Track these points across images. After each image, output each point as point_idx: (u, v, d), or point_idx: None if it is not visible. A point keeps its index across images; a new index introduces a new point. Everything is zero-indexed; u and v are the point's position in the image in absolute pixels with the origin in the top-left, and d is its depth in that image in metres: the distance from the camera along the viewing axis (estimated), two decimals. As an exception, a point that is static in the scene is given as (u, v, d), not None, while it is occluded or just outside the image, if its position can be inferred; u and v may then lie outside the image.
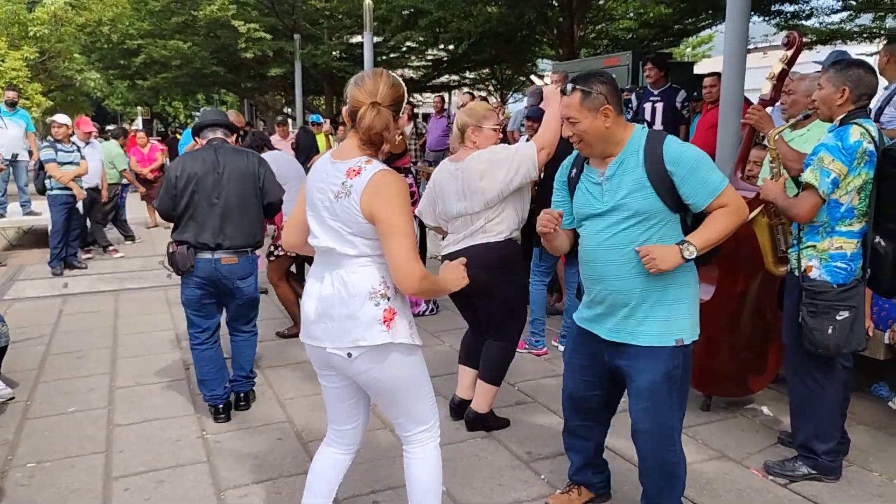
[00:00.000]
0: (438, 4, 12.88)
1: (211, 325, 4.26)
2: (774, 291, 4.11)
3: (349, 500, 3.32)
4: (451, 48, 17.84)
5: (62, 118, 8.85)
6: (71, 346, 5.73)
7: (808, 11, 12.92)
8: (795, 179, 3.46)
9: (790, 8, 12.74)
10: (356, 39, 18.69)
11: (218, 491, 3.42)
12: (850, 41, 12.83)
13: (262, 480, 3.50)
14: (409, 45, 18.16)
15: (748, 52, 5.20)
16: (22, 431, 4.13)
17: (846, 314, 3.23)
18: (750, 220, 3.57)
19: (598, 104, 2.59)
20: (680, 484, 2.88)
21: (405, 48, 19.04)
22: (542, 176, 4.65)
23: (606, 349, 2.81)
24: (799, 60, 3.71)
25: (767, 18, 12.96)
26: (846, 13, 12.91)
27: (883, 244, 3.24)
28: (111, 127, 17.59)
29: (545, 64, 19.26)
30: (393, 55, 19.82)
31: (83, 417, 4.31)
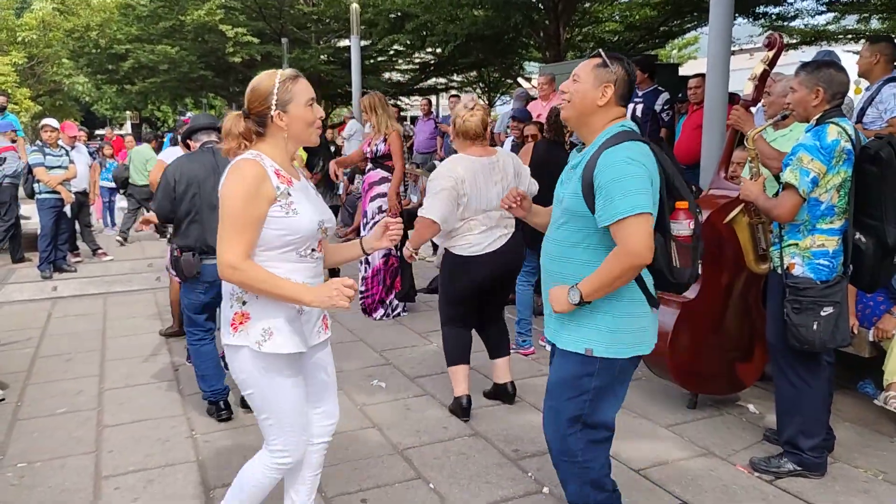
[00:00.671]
0: (425, 8, 12.94)
1: (212, 325, 4.32)
2: (759, 290, 4.16)
3: (337, 497, 3.34)
4: (437, 51, 17.93)
5: (54, 122, 8.87)
6: (60, 348, 5.73)
7: (793, 13, 13.03)
8: (777, 177, 3.51)
9: (775, 10, 12.83)
10: (344, 43, 18.74)
11: (207, 490, 3.43)
12: (835, 42, 12.95)
13: (251, 480, 3.51)
14: (396, 48, 18.23)
15: (733, 53, 5.27)
16: (12, 432, 4.14)
17: (830, 310, 3.27)
18: (730, 219, 3.62)
19: (606, 77, 2.51)
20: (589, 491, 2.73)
21: (392, 51, 19.12)
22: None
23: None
24: (787, 61, 3.77)
25: (752, 20, 13.06)
26: (831, 14, 13.03)
27: (864, 240, 3.28)
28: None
29: (532, 66, 19.35)
30: (380, 58, 19.89)
31: (72, 418, 4.32)
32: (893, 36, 11.75)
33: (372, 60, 19.15)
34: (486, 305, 4.32)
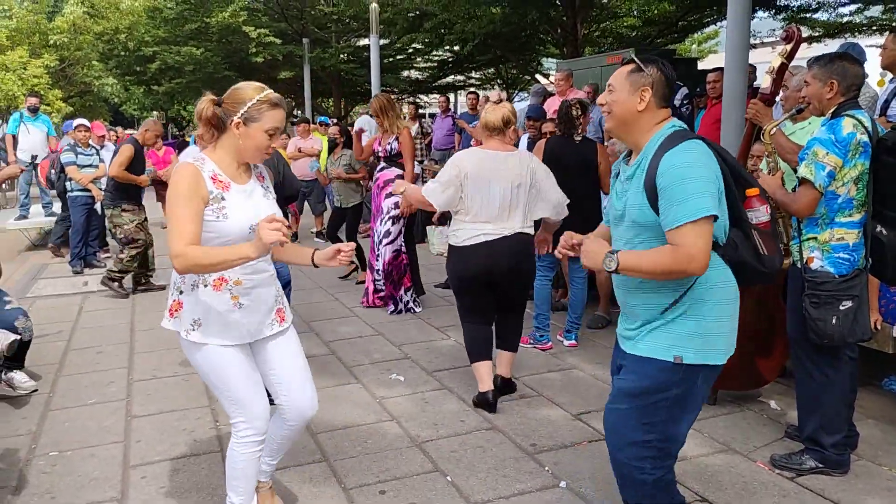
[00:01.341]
0: (443, 6, 12.96)
1: None
2: (779, 285, 4.13)
3: (356, 489, 3.40)
4: (456, 49, 17.93)
5: (86, 122, 9.10)
6: (91, 341, 5.85)
7: (815, 5, 12.83)
8: (795, 171, 3.48)
9: (796, 2, 12.65)
10: (363, 42, 18.86)
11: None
12: (858, 34, 12.76)
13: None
14: (414, 46, 18.29)
15: (754, 47, 5.24)
16: (44, 422, 4.24)
17: (849, 303, 3.24)
18: (749, 214, 3.61)
19: (641, 82, 2.42)
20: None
21: (411, 50, 19.18)
22: None
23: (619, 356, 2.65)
24: (811, 54, 3.73)
25: (773, 13, 12.89)
26: (855, 6, 12.82)
27: (885, 233, 3.25)
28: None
29: (550, 63, 19.27)
30: (399, 57, 19.97)
31: (102, 409, 4.42)
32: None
33: (391, 59, 19.22)
34: (499, 301, 4.38)
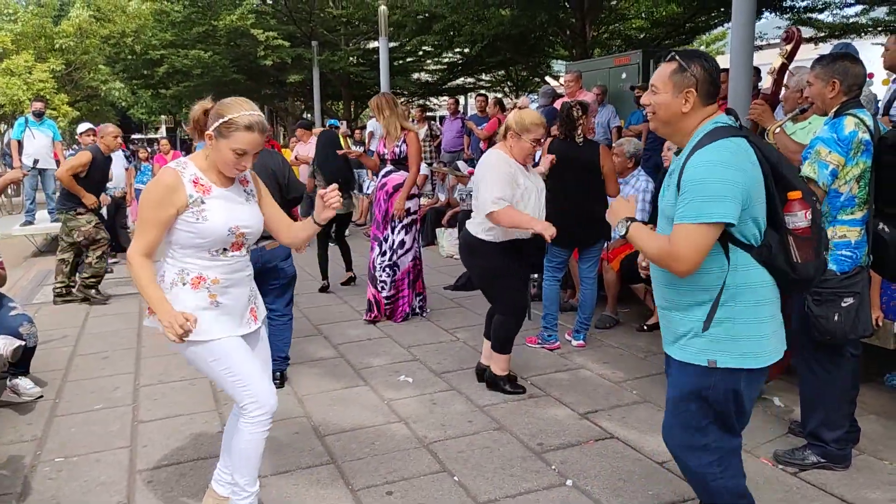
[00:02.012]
0: (452, 8, 12.99)
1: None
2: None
3: (363, 490, 3.41)
4: (465, 51, 17.97)
5: (92, 127, 9.11)
6: (97, 346, 5.89)
7: (821, 5, 12.85)
8: (798, 171, 3.51)
9: (802, 2, 12.66)
10: (372, 45, 18.87)
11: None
12: (864, 35, 12.75)
13: (278, 472, 3.60)
14: (424, 49, 18.32)
15: (760, 48, 5.24)
16: (50, 428, 4.26)
17: (851, 300, 3.27)
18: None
19: (685, 83, 2.39)
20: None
21: (420, 52, 19.21)
22: (547, 179, 4.81)
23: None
24: (818, 55, 3.76)
25: (779, 14, 12.90)
26: (860, 7, 12.82)
27: (887, 230, 3.28)
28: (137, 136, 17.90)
29: (559, 65, 19.29)
30: (409, 59, 20.00)
31: (108, 414, 4.44)
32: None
33: (401, 61, 19.26)
34: None
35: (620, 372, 4.95)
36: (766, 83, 3.74)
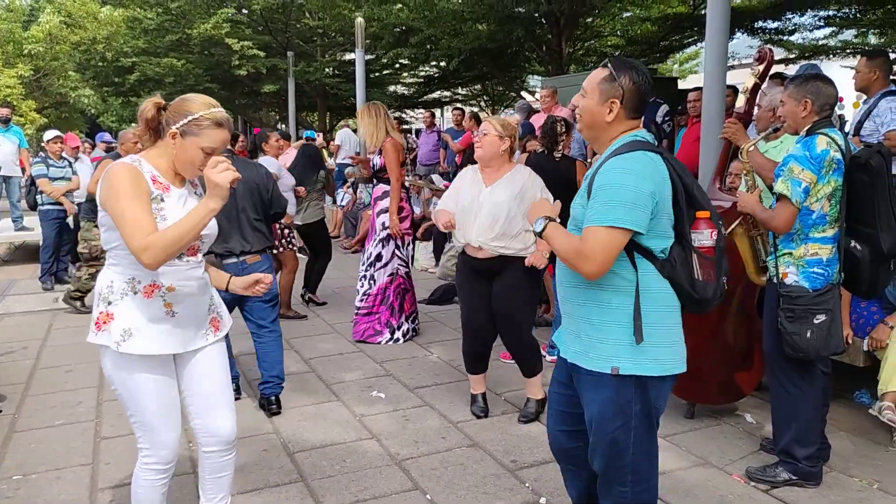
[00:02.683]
0: (429, 22, 13.00)
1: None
2: (755, 299, 4.18)
3: (333, 508, 3.36)
4: (441, 65, 17.98)
5: (59, 134, 8.99)
6: (60, 360, 5.75)
7: (791, 27, 13.09)
8: (772, 188, 3.54)
9: (773, 24, 12.89)
10: (349, 56, 18.84)
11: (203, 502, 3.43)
12: (833, 56, 13.00)
13: (247, 491, 3.52)
14: (400, 61, 18.32)
15: (733, 68, 5.31)
16: (9, 444, 4.15)
17: (823, 317, 3.30)
18: (729, 232, 3.64)
19: (612, 93, 2.38)
20: None
21: (397, 65, 19.21)
22: None
23: (574, 375, 2.53)
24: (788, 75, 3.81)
25: (751, 35, 13.12)
26: (829, 29, 13.09)
27: (859, 248, 3.32)
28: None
29: (535, 80, 19.41)
30: (385, 72, 20.00)
31: (70, 430, 4.33)
32: (889, 50, 11.81)
33: (377, 74, 19.25)
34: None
35: (593, 388, 4.92)
36: (739, 102, 3.77)
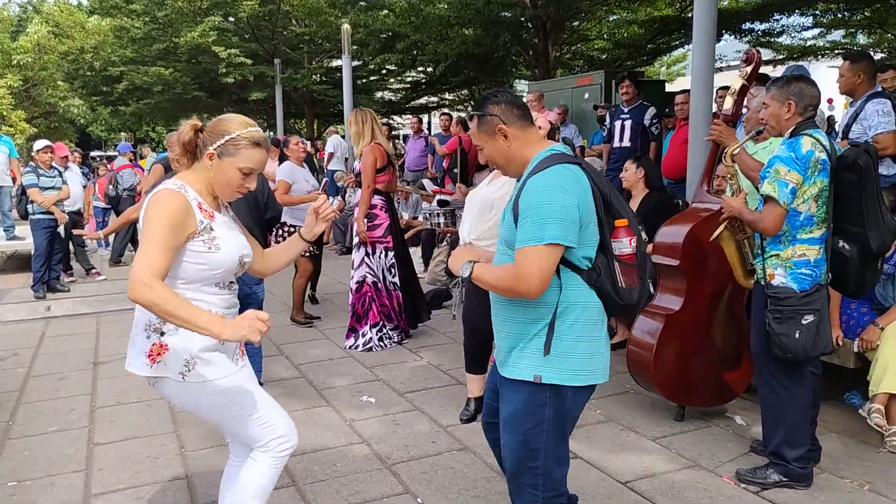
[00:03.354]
0: (415, 27, 13.02)
1: None
2: (744, 301, 4.19)
3: (326, 512, 3.37)
4: (428, 70, 18.00)
5: (49, 144, 8.99)
6: (52, 367, 5.74)
7: (779, 29, 13.16)
8: (759, 189, 3.54)
9: (761, 26, 12.96)
10: (336, 63, 18.86)
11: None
12: (822, 57, 13.08)
13: (240, 495, 3.52)
14: (387, 67, 18.34)
15: (720, 70, 5.35)
16: (2, 451, 4.15)
17: (811, 318, 3.30)
18: (716, 236, 3.66)
19: (493, 126, 2.48)
20: None
21: (384, 71, 19.23)
22: None
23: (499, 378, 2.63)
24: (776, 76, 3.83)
25: (739, 37, 13.19)
26: (817, 30, 13.17)
27: (847, 247, 3.33)
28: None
29: (522, 84, 19.45)
30: (372, 78, 20.01)
31: (63, 437, 4.33)
32: (872, 51, 11.90)
33: (364, 80, 19.25)
34: None
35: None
36: (726, 104, 3.80)
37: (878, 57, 11.80)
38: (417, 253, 9.48)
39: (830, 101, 14.56)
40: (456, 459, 3.91)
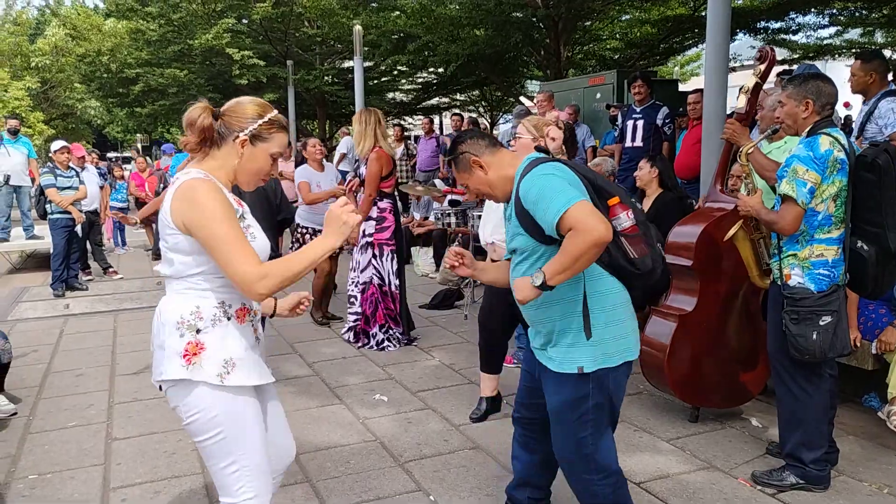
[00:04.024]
0: (427, 28, 13.01)
1: None
2: (759, 301, 4.16)
3: (337, 509, 3.38)
4: (440, 71, 17.99)
5: (66, 145, 9.11)
6: (71, 364, 5.81)
7: (795, 27, 13.04)
8: (774, 188, 3.51)
9: (776, 24, 12.85)
10: (347, 64, 18.89)
11: (211, 501, 3.47)
12: (838, 56, 12.95)
13: (255, 492, 3.55)
14: (399, 68, 18.36)
15: (735, 69, 5.33)
16: (24, 445, 4.20)
17: (829, 319, 3.27)
18: (730, 236, 3.64)
19: (467, 162, 2.67)
20: None
21: (395, 72, 19.24)
22: None
23: (539, 368, 2.77)
24: (789, 75, 3.80)
25: (753, 35, 13.08)
26: (834, 28, 13.04)
27: (865, 248, 3.29)
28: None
29: (534, 85, 19.41)
30: (384, 79, 20.04)
31: (82, 432, 4.38)
32: (891, 49, 11.73)
33: (375, 81, 19.29)
34: None
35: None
36: (739, 103, 3.77)
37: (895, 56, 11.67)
38: (429, 253, 9.50)
39: (847, 104, 14.33)
40: (468, 458, 3.92)
